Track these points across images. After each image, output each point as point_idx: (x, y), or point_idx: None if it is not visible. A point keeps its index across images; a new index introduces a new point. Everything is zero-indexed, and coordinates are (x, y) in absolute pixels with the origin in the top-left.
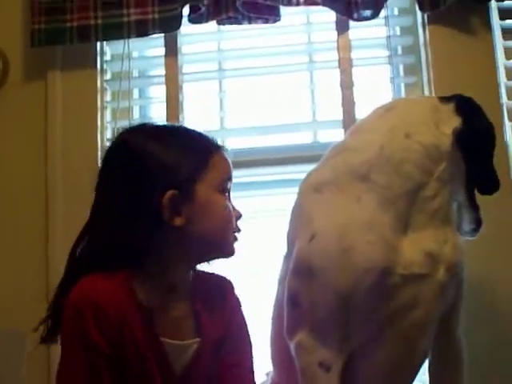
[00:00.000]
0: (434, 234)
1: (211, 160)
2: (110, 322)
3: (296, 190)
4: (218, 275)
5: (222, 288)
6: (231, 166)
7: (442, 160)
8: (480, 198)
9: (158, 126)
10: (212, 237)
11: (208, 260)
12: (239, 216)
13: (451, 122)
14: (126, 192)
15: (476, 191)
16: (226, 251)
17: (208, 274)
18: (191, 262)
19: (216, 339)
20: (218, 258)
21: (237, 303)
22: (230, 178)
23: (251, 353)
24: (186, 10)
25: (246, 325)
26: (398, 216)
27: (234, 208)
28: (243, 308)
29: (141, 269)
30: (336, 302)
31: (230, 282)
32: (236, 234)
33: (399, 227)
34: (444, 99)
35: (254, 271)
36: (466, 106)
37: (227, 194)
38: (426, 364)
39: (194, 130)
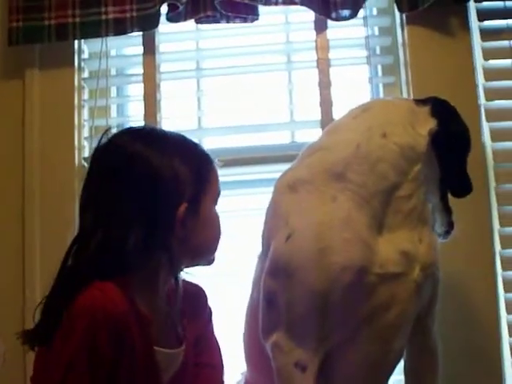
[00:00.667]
0: (409, 233)
1: (211, 172)
2: (118, 333)
3: None
4: (193, 283)
5: (198, 296)
6: None
7: (418, 161)
8: (457, 199)
9: (158, 134)
10: (207, 248)
11: (191, 267)
12: None
13: (427, 123)
14: (138, 203)
15: (450, 194)
16: (212, 260)
17: (184, 281)
18: (177, 269)
19: (193, 345)
20: (201, 265)
21: (211, 310)
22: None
23: (221, 353)
24: (164, 9)
25: (214, 331)
26: (374, 215)
27: None
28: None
29: (135, 276)
30: (313, 301)
31: (204, 290)
32: None
33: (375, 226)
34: (420, 102)
35: (232, 270)
36: (441, 109)
37: None
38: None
39: (191, 140)
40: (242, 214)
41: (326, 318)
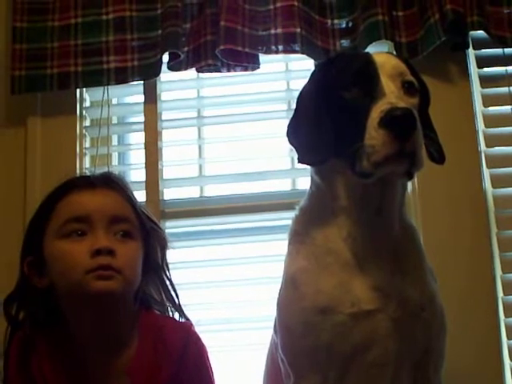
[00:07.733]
0: (382, 269)
1: (56, 208)
2: (33, 375)
3: (275, 236)
4: (179, 322)
5: (172, 338)
6: (89, 202)
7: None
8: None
9: None
10: (67, 286)
11: (93, 308)
12: (95, 251)
13: None
14: None
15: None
16: (90, 293)
17: (163, 320)
18: (90, 317)
19: None
20: (94, 302)
21: (195, 359)
22: (79, 218)
23: None
24: (165, 58)
25: (203, 373)
26: (342, 258)
27: (95, 245)
28: (201, 353)
29: (62, 329)
30: (299, 346)
31: (186, 333)
32: (97, 271)
33: (342, 268)
34: None
35: (231, 319)
36: None
37: (82, 234)
38: None
39: (63, 183)
40: (244, 262)
41: (314, 361)
